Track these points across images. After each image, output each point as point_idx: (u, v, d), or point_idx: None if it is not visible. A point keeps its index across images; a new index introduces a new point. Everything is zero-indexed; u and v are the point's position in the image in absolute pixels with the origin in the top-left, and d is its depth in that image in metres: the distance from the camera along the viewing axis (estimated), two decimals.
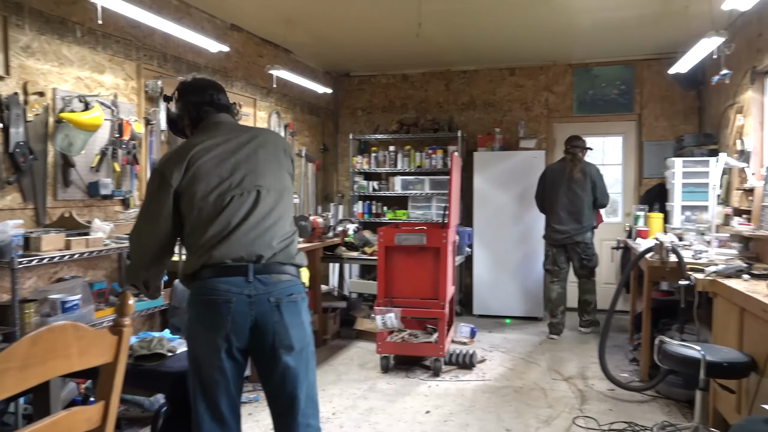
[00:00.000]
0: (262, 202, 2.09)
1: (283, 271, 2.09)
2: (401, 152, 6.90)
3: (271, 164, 2.17)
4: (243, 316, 2.00)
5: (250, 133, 2.22)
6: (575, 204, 5.51)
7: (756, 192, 4.21)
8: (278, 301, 2.04)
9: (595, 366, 4.55)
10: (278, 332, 2.03)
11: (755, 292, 2.82)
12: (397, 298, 4.50)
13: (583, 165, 5.57)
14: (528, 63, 6.79)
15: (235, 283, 2.00)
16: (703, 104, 6.26)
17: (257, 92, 5.65)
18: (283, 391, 2.07)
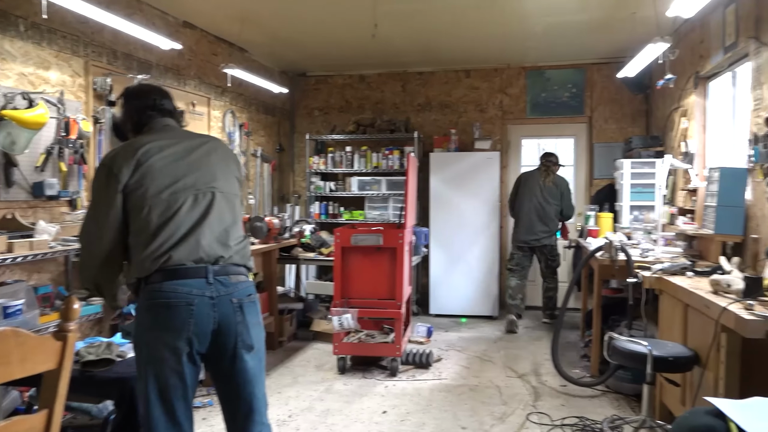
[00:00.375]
0: (217, 204, 2.08)
1: (240, 272, 2.09)
2: (358, 153, 6.90)
3: (223, 169, 2.18)
4: (206, 319, 1.97)
5: (199, 138, 2.23)
6: (545, 209, 5.86)
7: (699, 192, 4.38)
8: (240, 302, 2.04)
9: (548, 363, 4.65)
10: (241, 333, 2.03)
11: (698, 289, 2.93)
12: (354, 299, 4.49)
13: (555, 177, 5.93)
14: (483, 65, 6.89)
15: (196, 285, 1.97)
16: (650, 107, 6.48)
17: (211, 91, 5.55)
18: (243, 392, 2.06)
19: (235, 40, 5.76)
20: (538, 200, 5.89)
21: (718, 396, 2.52)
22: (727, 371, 2.49)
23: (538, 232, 5.87)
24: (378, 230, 4.64)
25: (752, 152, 3.61)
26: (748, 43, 3.74)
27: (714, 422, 1.94)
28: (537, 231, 5.87)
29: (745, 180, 3.70)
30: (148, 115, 2.22)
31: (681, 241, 4.43)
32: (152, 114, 2.22)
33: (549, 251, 5.95)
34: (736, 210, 3.70)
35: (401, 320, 4.45)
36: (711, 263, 3.72)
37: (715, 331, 2.58)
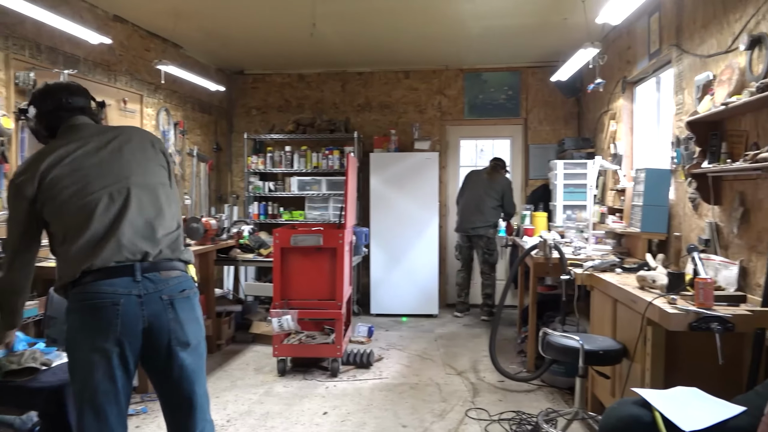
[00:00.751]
0: (135, 199, 2.03)
1: (173, 267, 2.04)
2: (297, 152, 6.83)
3: (139, 160, 2.11)
4: (134, 318, 1.93)
5: (112, 132, 2.15)
6: (483, 201, 6.19)
7: (627, 192, 4.58)
8: (171, 298, 2.00)
9: (487, 359, 4.74)
10: (174, 330, 1.99)
11: (626, 285, 3.06)
12: (294, 300, 4.45)
13: (499, 177, 6.25)
14: (422, 67, 6.97)
15: (122, 284, 1.93)
16: (581, 110, 6.72)
17: (144, 88, 5.37)
18: (182, 390, 2.03)
19: (169, 35, 5.59)
20: (478, 193, 6.22)
21: (645, 386, 2.64)
22: (653, 363, 2.61)
23: (473, 220, 6.20)
24: (318, 230, 4.61)
25: (675, 154, 3.81)
26: (671, 50, 3.94)
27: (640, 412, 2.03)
28: (473, 219, 6.21)
29: (668, 180, 3.89)
30: (58, 116, 2.15)
31: (610, 239, 4.62)
32: (62, 115, 2.15)
33: (485, 243, 6.16)
34: (660, 209, 3.89)
35: (342, 320, 4.44)
36: (638, 260, 3.90)
37: (641, 325, 2.70)
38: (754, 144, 2.86)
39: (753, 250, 2.92)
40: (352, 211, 5.15)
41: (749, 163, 2.67)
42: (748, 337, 2.57)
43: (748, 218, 2.96)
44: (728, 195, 3.17)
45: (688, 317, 2.42)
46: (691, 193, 3.53)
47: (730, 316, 2.41)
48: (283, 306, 4.41)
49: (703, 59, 3.46)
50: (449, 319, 6.36)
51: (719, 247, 3.23)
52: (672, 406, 2.01)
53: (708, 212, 3.36)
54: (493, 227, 6.18)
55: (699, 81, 3.40)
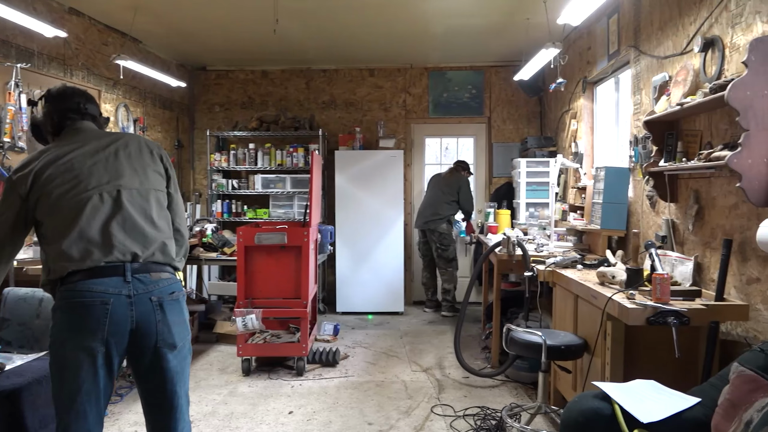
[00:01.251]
0: (126, 202, 2.06)
1: (163, 270, 2.07)
2: (261, 150, 6.76)
3: (134, 165, 2.14)
4: (123, 318, 1.95)
5: (111, 137, 2.19)
6: (437, 197, 6.27)
7: (587, 190, 4.67)
8: (160, 300, 2.03)
9: (452, 356, 4.79)
10: (161, 332, 2.02)
11: (586, 281, 3.13)
12: (259, 299, 4.41)
13: (457, 176, 6.31)
14: (387, 64, 6.97)
15: (112, 283, 1.95)
16: (543, 109, 6.83)
17: (102, 83, 5.24)
18: (165, 391, 2.06)
19: (127, 29, 5.46)
20: (434, 191, 6.33)
21: (605, 380, 2.70)
22: (612, 357, 2.68)
23: (426, 215, 6.30)
24: (282, 229, 4.57)
25: (633, 153, 3.91)
26: (629, 51, 4.04)
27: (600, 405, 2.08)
28: (425, 214, 6.32)
29: (627, 179, 3.99)
30: (70, 118, 2.20)
31: (572, 236, 4.71)
32: (74, 117, 2.20)
33: (438, 238, 6.23)
34: (619, 206, 3.99)
35: (307, 319, 4.42)
36: (598, 256, 3.99)
37: (601, 320, 2.76)
38: (708, 143, 2.96)
39: (707, 246, 3.02)
40: (317, 209, 5.13)
41: (703, 162, 2.75)
42: (703, 330, 2.67)
43: (703, 215, 3.06)
44: (684, 193, 3.26)
45: (646, 312, 2.49)
46: (648, 191, 3.63)
47: (686, 310, 2.48)
48: (247, 305, 4.36)
49: (659, 60, 3.56)
50: (415, 316, 6.40)
51: (675, 243, 3.33)
52: (631, 399, 2.06)
53: (665, 210, 3.46)
54: (446, 222, 6.24)
55: (656, 81, 3.50)
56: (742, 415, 1.80)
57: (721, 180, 2.89)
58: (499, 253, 4.36)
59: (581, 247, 4.50)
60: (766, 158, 2.41)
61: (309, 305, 4.47)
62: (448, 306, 6.31)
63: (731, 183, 2.79)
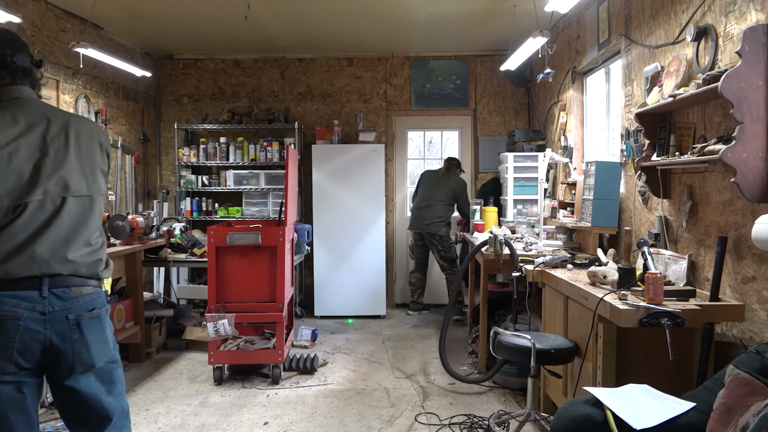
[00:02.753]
0: (66, 211, 1.92)
1: (85, 284, 1.96)
2: (233, 144, 6.72)
3: (83, 162, 1.98)
4: (34, 336, 1.86)
5: (60, 120, 1.97)
6: (434, 199, 6.28)
7: (578, 186, 4.72)
8: (78, 318, 1.92)
9: (437, 361, 4.80)
10: (78, 351, 1.92)
11: (577, 281, 3.16)
12: (231, 303, 4.38)
13: (454, 177, 6.34)
14: (366, 53, 6.96)
15: (27, 297, 1.85)
16: (531, 101, 6.88)
17: (60, 73, 5.15)
18: (90, 415, 1.96)
19: (87, 15, 5.38)
20: (431, 191, 6.32)
21: (597, 385, 2.73)
22: (604, 361, 2.71)
23: (425, 217, 6.28)
24: (256, 228, 4.55)
25: (624, 147, 3.95)
26: (620, 41, 4.08)
27: (591, 411, 2.10)
28: (424, 217, 6.29)
29: (619, 174, 4.04)
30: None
31: (562, 234, 4.76)
32: (3, 76, 1.94)
33: (439, 241, 6.24)
34: (611, 203, 4.03)
35: (283, 324, 4.41)
36: (589, 255, 4.03)
37: (592, 322, 2.79)
38: (702, 137, 3.00)
39: (701, 244, 3.06)
40: (293, 207, 5.11)
41: (697, 156, 2.79)
42: (698, 332, 2.71)
43: (697, 212, 3.11)
44: (677, 188, 3.31)
45: (639, 313, 2.52)
46: (641, 187, 3.68)
47: (680, 311, 2.52)
48: (219, 309, 4.33)
49: (651, 50, 3.60)
50: (398, 319, 6.41)
51: (669, 241, 3.37)
52: (623, 405, 2.09)
53: (658, 206, 3.51)
54: (445, 225, 6.28)
55: (648, 72, 3.54)
56: (737, 419, 1.83)
57: (715, 175, 2.94)
58: (486, 252, 4.38)
59: (571, 246, 4.54)
60: (761, 152, 2.45)
61: (285, 309, 4.45)
62: (459, 308, 6.34)
63: (726, 178, 2.83)
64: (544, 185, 5.28)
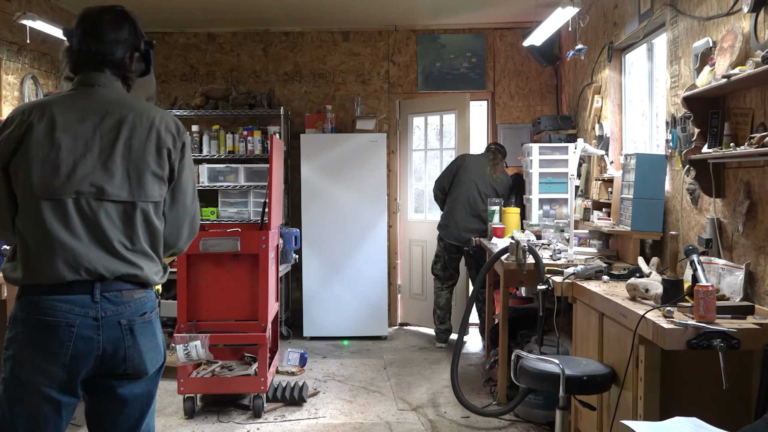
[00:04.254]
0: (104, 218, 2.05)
1: (136, 288, 2.13)
2: (208, 133, 6.74)
3: (129, 165, 2.10)
4: (88, 343, 2.02)
5: (119, 114, 2.12)
6: (481, 201, 5.98)
7: (615, 183, 4.73)
8: (131, 324, 2.09)
9: (448, 391, 4.82)
10: (131, 358, 2.10)
11: (614, 295, 3.17)
12: (205, 321, 4.39)
13: (501, 173, 6.10)
14: (365, 26, 6.99)
15: (79, 302, 2.01)
16: (560, 83, 6.90)
17: (3, 49, 5.18)
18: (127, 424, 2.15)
19: None
20: (475, 189, 6.02)
21: (637, 418, 2.74)
22: (646, 389, 2.71)
23: (470, 227, 5.99)
24: (235, 232, 4.56)
25: (670, 137, 3.96)
26: (664, 11, 4.10)
27: None
28: (469, 226, 6.00)
29: (664, 168, 4.05)
30: (87, 66, 2.16)
31: (596, 239, 4.77)
32: (94, 67, 2.16)
33: (481, 255, 5.96)
34: (654, 203, 4.04)
35: (266, 346, 4.42)
36: (629, 265, 4.04)
37: (632, 344, 2.80)
38: (761, 125, 3.01)
39: (761, 252, 3.07)
40: (279, 207, 5.13)
41: (755, 147, 2.80)
42: (757, 355, 2.71)
43: (755, 213, 3.11)
44: (732, 185, 3.32)
45: (687, 333, 2.52)
46: (689, 184, 3.69)
47: (735, 330, 2.52)
48: (190, 329, 4.35)
49: (702, 22, 3.61)
50: (402, 341, 6.42)
51: (722, 248, 3.38)
52: None
53: (709, 206, 3.52)
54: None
55: (697, 48, 3.55)
56: None
57: None
58: (506, 261, 4.39)
59: (608, 254, 4.55)
60: None
61: (269, 329, 4.47)
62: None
63: None
64: (576, 182, 5.27)
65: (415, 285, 6.95)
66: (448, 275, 6.18)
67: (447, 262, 6.15)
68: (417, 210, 7.64)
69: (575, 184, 5.21)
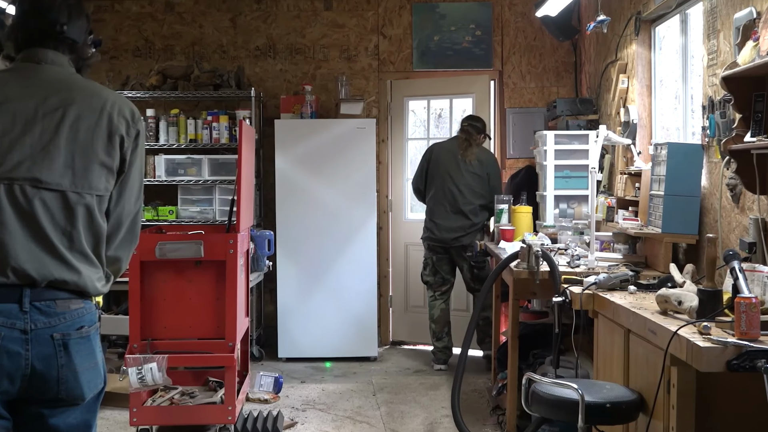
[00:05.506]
0: (40, 209, 2.05)
1: (73, 297, 2.12)
2: (165, 119, 6.72)
3: (75, 150, 2.11)
4: (15, 359, 2.00)
5: (63, 94, 2.15)
6: (464, 195, 6.04)
7: (643, 177, 4.74)
8: (65, 339, 2.07)
9: (448, 420, 4.82)
10: (65, 380, 2.07)
11: (642, 308, 3.17)
12: (162, 340, 4.37)
13: (480, 150, 6.12)
14: None
15: (5, 311, 2.00)
16: (579, 60, 6.91)
17: None
18: None
19: None
20: (451, 181, 6.09)
21: None
22: (679, 418, 2.72)
23: (453, 226, 6.05)
24: (197, 235, 4.55)
25: (707, 123, 3.97)
26: None
27: None
28: (451, 225, 6.06)
29: (700, 160, 4.06)
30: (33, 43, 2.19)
31: (621, 243, 4.77)
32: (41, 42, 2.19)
33: (473, 255, 6.05)
34: (688, 200, 4.05)
35: (235, 369, 4.40)
36: (659, 273, 4.05)
37: (663, 365, 2.81)
38: None
39: None
40: (249, 206, 5.11)
41: None
42: None
43: None
44: None
45: (727, 353, 2.53)
46: (729, 178, 3.70)
47: None
48: (144, 349, 4.33)
49: None
50: (394, 362, 6.42)
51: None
52: None
53: (753, 204, 3.53)
54: (479, 231, 6.10)
55: (739, 20, 3.56)
56: None
57: None
58: (517, 269, 4.40)
59: (635, 260, 4.56)
60: None
61: (237, 348, 4.46)
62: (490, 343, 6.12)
63: None
64: (597, 176, 5.29)
65: (413, 295, 6.96)
66: (438, 280, 6.22)
67: (435, 264, 6.21)
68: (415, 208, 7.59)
69: (597, 179, 5.21)
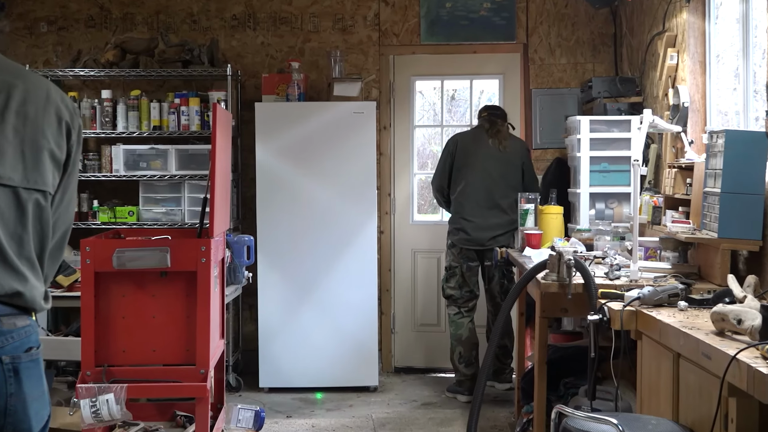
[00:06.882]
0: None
1: (15, 312, 2.13)
2: (124, 101, 6.73)
3: (24, 141, 2.15)
4: None
5: (5, 75, 2.19)
6: (501, 187, 6.12)
7: (696, 171, 4.73)
8: (15, 362, 2.08)
9: None
10: (13, 411, 2.09)
11: (695, 328, 3.17)
12: (121, 367, 4.38)
13: (510, 139, 6.23)
14: None
15: None
16: (619, 31, 6.90)
17: None
18: None
19: None
20: (488, 172, 6.16)
21: None
22: None
23: (491, 224, 6.11)
24: (163, 241, 4.56)
25: None
26: None
27: None
28: (490, 222, 6.11)
29: (764, 151, 4.05)
30: None
31: (670, 250, 4.77)
32: None
33: (505, 261, 5.98)
34: (751, 199, 4.04)
35: (207, 401, 4.41)
36: (715, 286, 4.04)
37: (719, 395, 2.81)
38: None
39: None
40: (225, 206, 5.12)
41: None
42: None
43: None
44: None
45: None
46: None
47: None
48: (99, 378, 4.34)
49: None
50: (398, 392, 6.42)
51: None
52: None
53: None
54: (515, 231, 6.05)
55: None
56: None
57: None
58: (544, 281, 4.40)
59: (686, 271, 4.55)
60: None
61: (211, 376, 4.47)
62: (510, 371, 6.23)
63: None
64: (641, 170, 5.29)
65: (422, 312, 7.01)
66: (466, 294, 6.23)
67: (465, 274, 6.21)
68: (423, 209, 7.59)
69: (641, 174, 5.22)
